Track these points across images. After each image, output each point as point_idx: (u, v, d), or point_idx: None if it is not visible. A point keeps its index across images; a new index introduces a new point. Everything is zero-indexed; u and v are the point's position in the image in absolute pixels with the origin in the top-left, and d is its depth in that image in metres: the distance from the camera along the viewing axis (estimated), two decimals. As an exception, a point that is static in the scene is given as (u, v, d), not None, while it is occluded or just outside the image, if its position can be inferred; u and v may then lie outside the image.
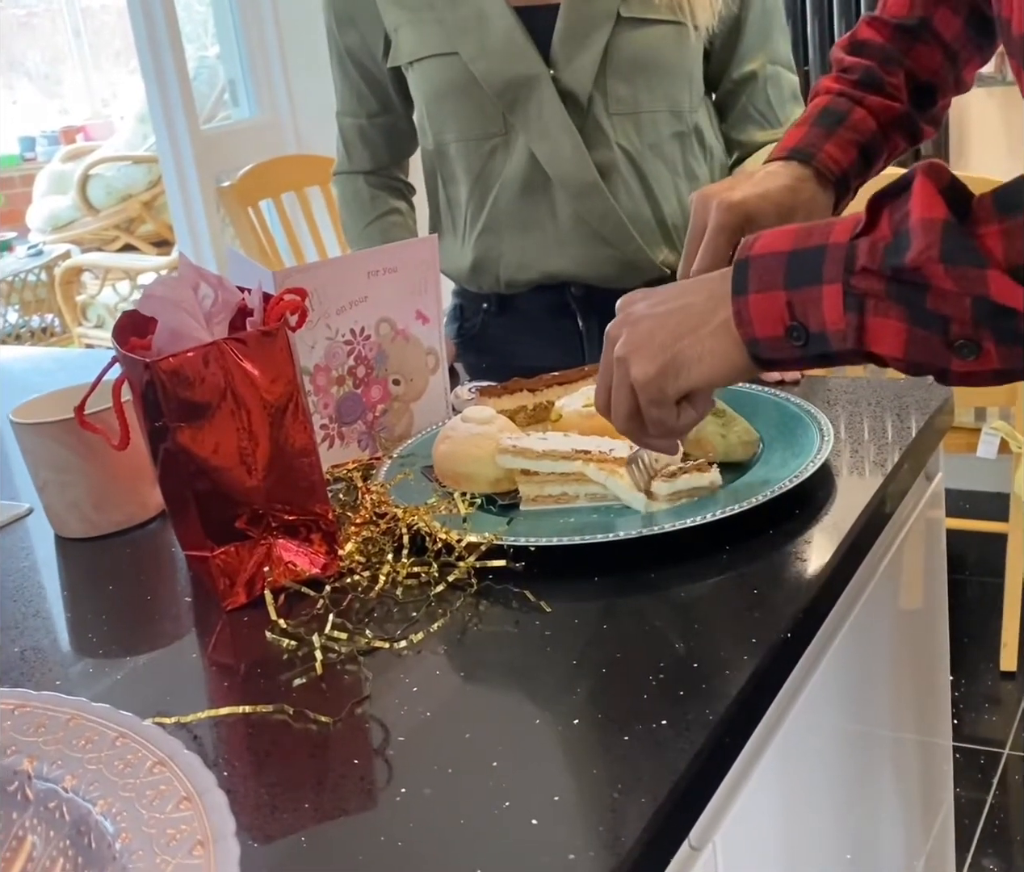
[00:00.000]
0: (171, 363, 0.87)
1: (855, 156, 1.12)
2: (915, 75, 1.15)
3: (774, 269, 0.82)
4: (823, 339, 0.81)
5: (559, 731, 0.75)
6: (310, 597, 0.92)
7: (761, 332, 0.83)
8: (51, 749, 0.62)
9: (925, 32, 1.15)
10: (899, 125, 1.15)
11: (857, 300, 0.79)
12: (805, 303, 0.81)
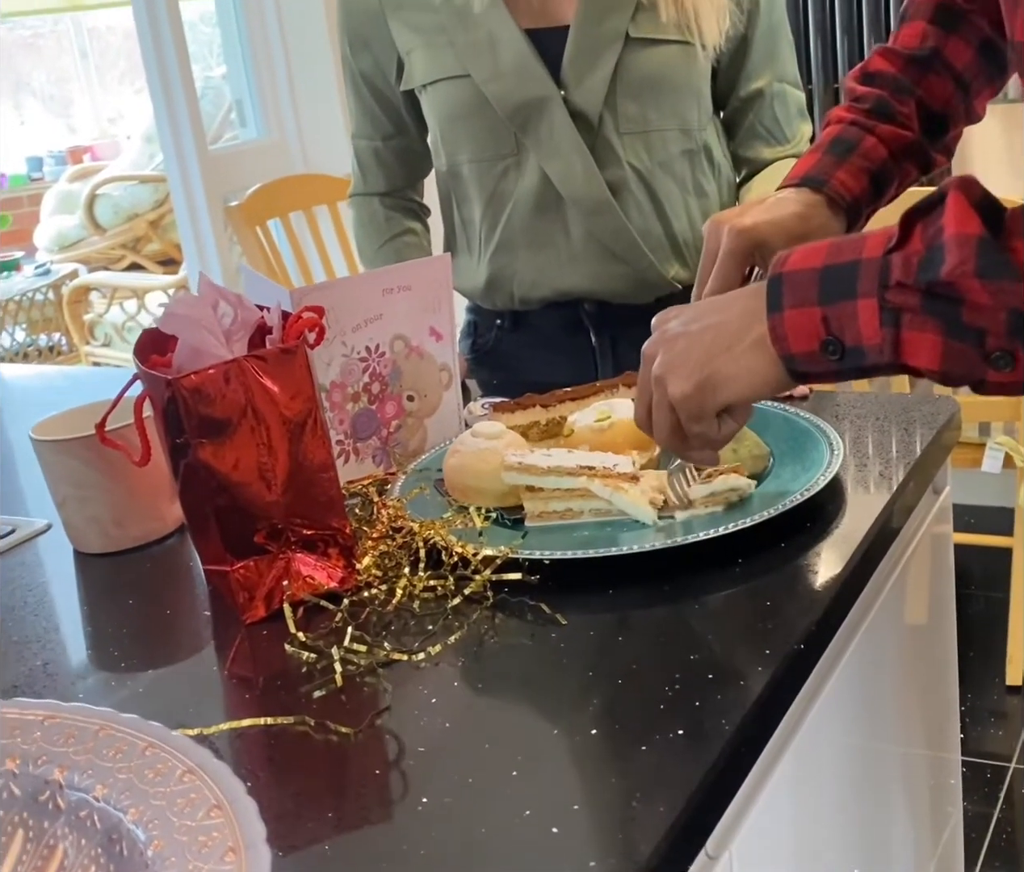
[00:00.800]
0: (193, 380, 0.89)
1: (866, 184, 1.14)
2: (926, 105, 1.16)
3: (808, 284, 0.84)
4: (859, 353, 0.83)
5: (577, 741, 0.76)
6: (328, 610, 0.94)
7: (797, 347, 0.85)
8: (81, 759, 0.64)
9: (936, 62, 1.16)
10: (910, 154, 1.16)
11: (893, 314, 0.80)
12: (840, 318, 0.83)
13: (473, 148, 1.51)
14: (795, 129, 1.58)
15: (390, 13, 1.50)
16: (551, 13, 1.46)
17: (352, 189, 1.69)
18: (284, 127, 3.50)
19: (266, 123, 3.49)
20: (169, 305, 0.96)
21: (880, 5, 3.48)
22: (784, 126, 1.56)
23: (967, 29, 1.15)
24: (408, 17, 1.49)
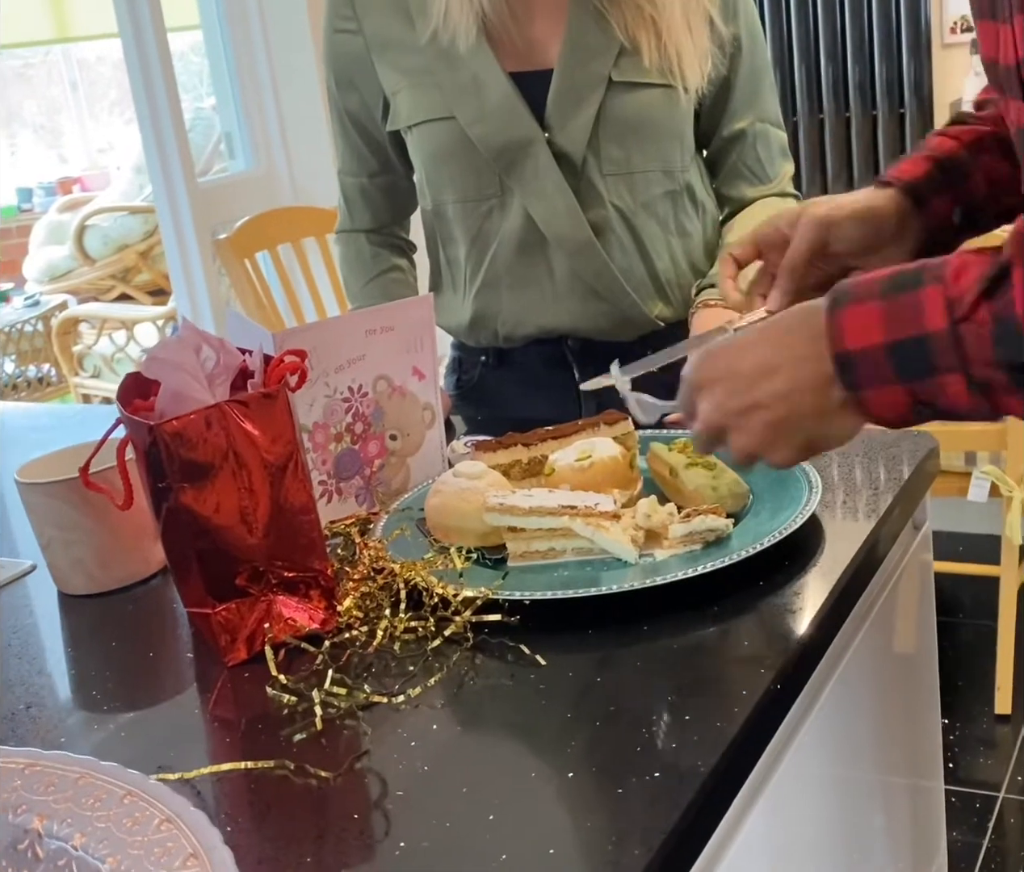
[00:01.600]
0: (174, 426, 0.90)
1: (927, 167, 1.10)
2: None
3: (880, 364, 0.84)
4: (955, 413, 0.84)
5: (554, 784, 0.77)
6: (309, 652, 0.94)
7: (888, 415, 0.87)
8: (61, 808, 0.64)
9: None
10: (987, 147, 1.11)
11: (981, 386, 0.81)
12: (926, 391, 0.83)
13: (458, 188, 1.52)
14: (777, 168, 1.59)
15: (376, 55, 1.52)
16: (536, 57, 1.48)
17: (339, 225, 1.70)
18: (273, 159, 3.52)
19: (255, 155, 3.51)
20: (152, 349, 0.97)
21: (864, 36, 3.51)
22: (766, 165, 1.58)
23: None
24: (394, 58, 1.51)
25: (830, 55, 3.56)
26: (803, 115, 3.62)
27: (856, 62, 3.53)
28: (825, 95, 3.59)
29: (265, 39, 3.41)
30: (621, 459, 1.13)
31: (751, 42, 1.54)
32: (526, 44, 1.48)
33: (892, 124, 3.54)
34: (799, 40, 3.57)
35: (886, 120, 3.53)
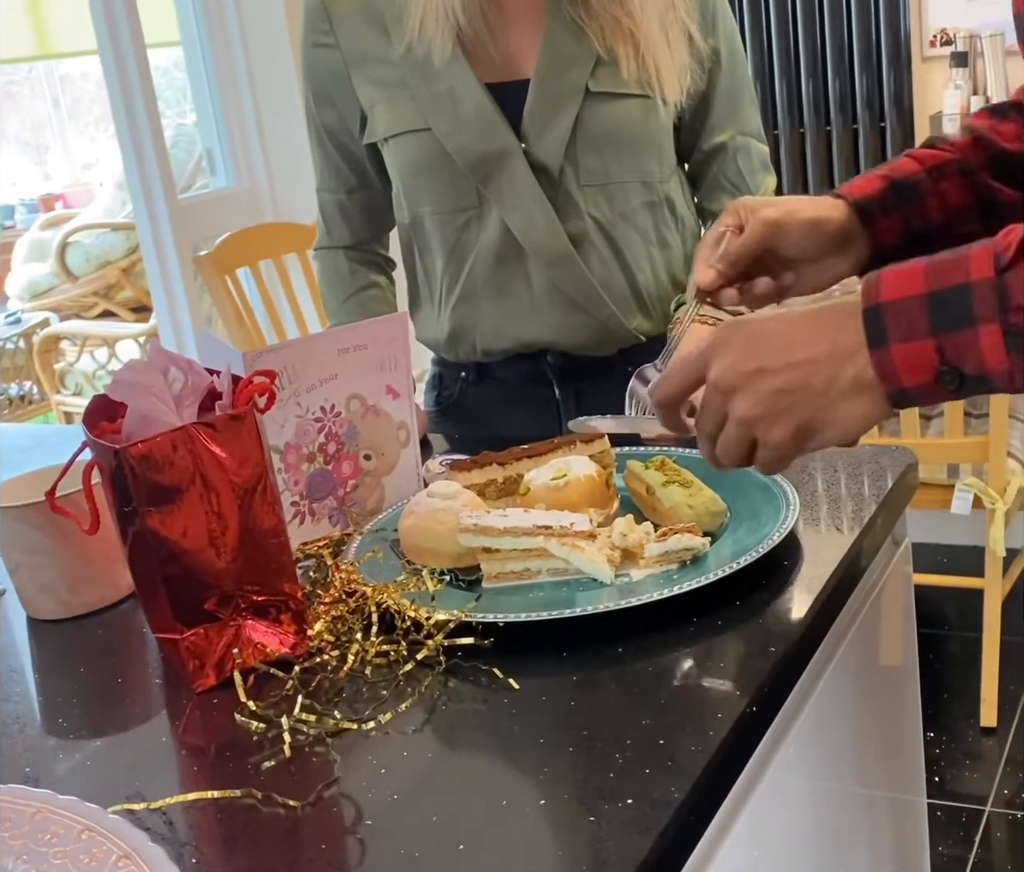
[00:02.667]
0: (140, 449, 0.88)
1: (881, 186, 1.10)
2: (989, 140, 1.13)
3: (914, 314, 0.80)
4: (982, 380, 0.80)
5: (526, 812, 0.76)
6: (279, 677, 0.93)
7: (909, 381, 0.82)
8: (16, 844, 0.63)
9: (1014, 112, 1.14)
10: (949, 174, 1.11)
11: (1019, 338, 0.77)
12: (958, 346, 0.79)
13: (435, 200, 1.51)
14: (759, 182, 1.59)
15: (353, 69, 1.51)
16: (512, 67, 1.47)
17: (317, 242, 1.69)
18: (254, 176, 3.50)
19: (236, 172, 3.50)
20: (118, 372, 0.96)
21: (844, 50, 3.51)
22: (748, 179, 1.57)
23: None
24: (370, 72, 1.50)
25: (810, 69, 3.57)
26: (784, 129, 3.63)
27: (836, 76, 3.53)
28: (806, 109, 3.60)
29: (246, 55, 3.40)
30: (597, 477, 1.12)
31: (730, 55, 1.53)
32: (502, 55, 1.47)
33: (873, 137, 3.54)
34: (779, 54, 3.58)
35: (867, 133, 3.54)
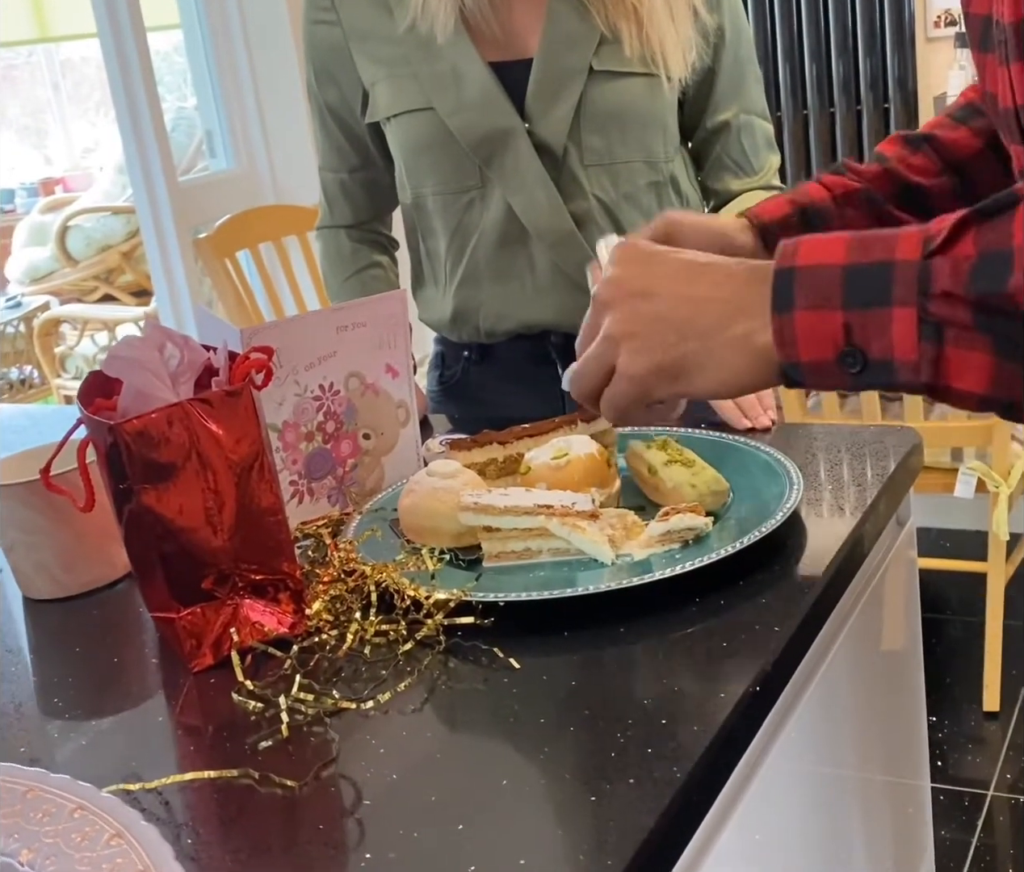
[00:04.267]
0: (135, 425, 0.87)
1: (788, 211, 1.10)
2: (899, 173, 1.13)
3: (828, 284, 0.74)
4: (886, 368, 0.74)
5: (526, 792, 0.75)
6: (277, 657, 0.92)
7: (807, 355, 0.75)
8: (8, 822, 0.62)
9: (928, 144, 1.13)
10: (855, 202, 1.12)
11: (935, 328, 0.71)
12: (867, 326, 0.73)
13: (437, 180, 1.50)
14: (763, 160, 1.57)
15: (354, 46, 1.49)
16: (515, 46, 1.46)
17: (319, 221, 1.68)
18: (254, 158, 3.49)
19: (236, 154, 3.48)
20: (114, 348, 0.95)
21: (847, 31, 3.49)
22: (751, 157, 1.56)
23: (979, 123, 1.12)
24: (372, 49, 1.49)
25: (814, 51, 3.54)
26: (787, 111, 3.61)
27: (840, 57, 3.51)
28: (809, 90, 3.58)
29: (245, 38, 3.39)
30: (598, 457, 1.10)
31: (735, 32, 1.52)
32: (506, 34, 1.45)
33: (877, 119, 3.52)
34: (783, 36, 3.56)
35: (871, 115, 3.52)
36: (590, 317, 0.85)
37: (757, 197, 1.56)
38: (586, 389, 0.85)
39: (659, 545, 1.00)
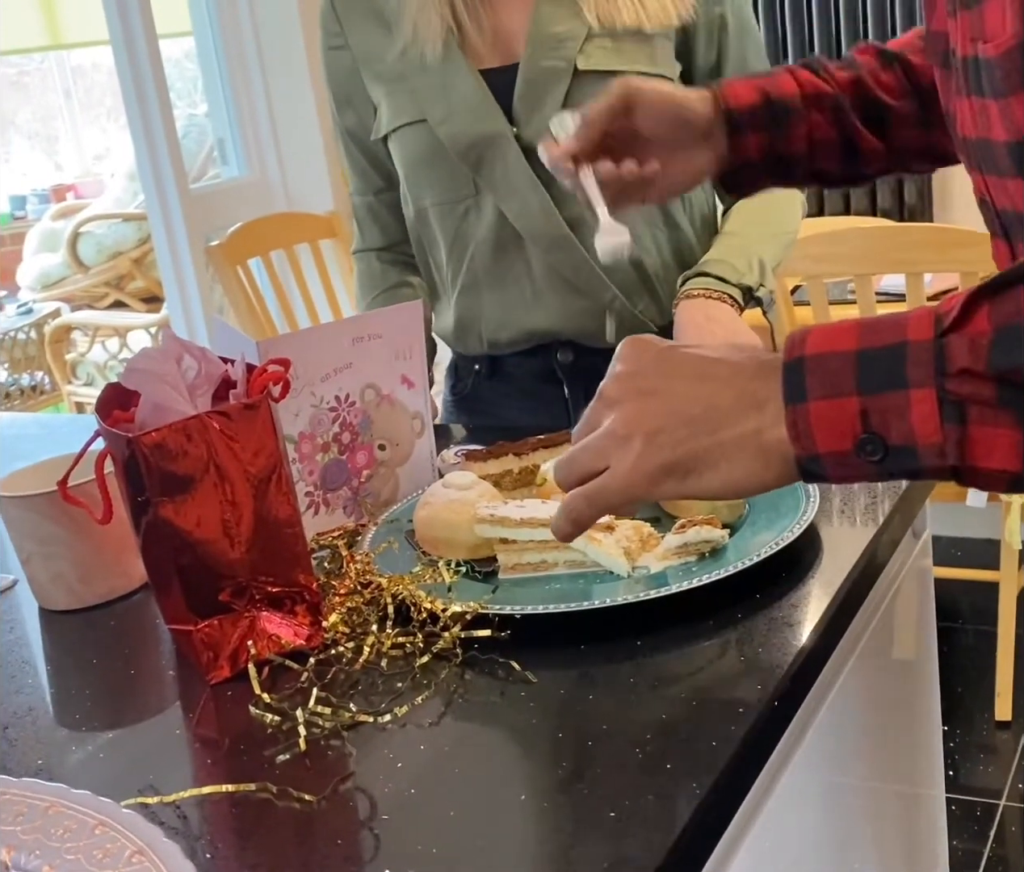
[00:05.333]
0: (153, 437, 0.87)
1: (756, 99, 1.10)
2: (866, 84, 1.12)
3: (841, 371, 0.71)
4: (909, 454, 0.71)
5: (544, 808, 0.75)
6: (294, 670, 0.92)
7: (825, 446, 0.72)
8: (29, 838, 0.62)
9: (899, 63, 1.14)
10: (822, 105, 1.11)
11: (957, 408, 0.69)
12: (885, 411, 0.70)
13: (435, 192, 1.51)
14: None
15: (363, 68, 1.52)
16: (503, 51, 1.46)
17: (353, 246, 1.70)
18: (266, 166, 3.50)
19: (248, 162, 3.49)
20: (131, 360, 0.95)
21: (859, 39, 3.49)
22: None
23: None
24: (376, 69, 1.51)
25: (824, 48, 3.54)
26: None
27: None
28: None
29: (257, 45, 3.39)
30: (614, 468, 1.10)
31: (738, 24, 1.49)
32: (495, 40, 1.46)
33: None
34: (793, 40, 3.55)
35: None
36: (592, 411, 0.81)
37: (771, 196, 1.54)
38: (575, 480, 0.81)
39: (675, 558, 1.00)
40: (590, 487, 0.79)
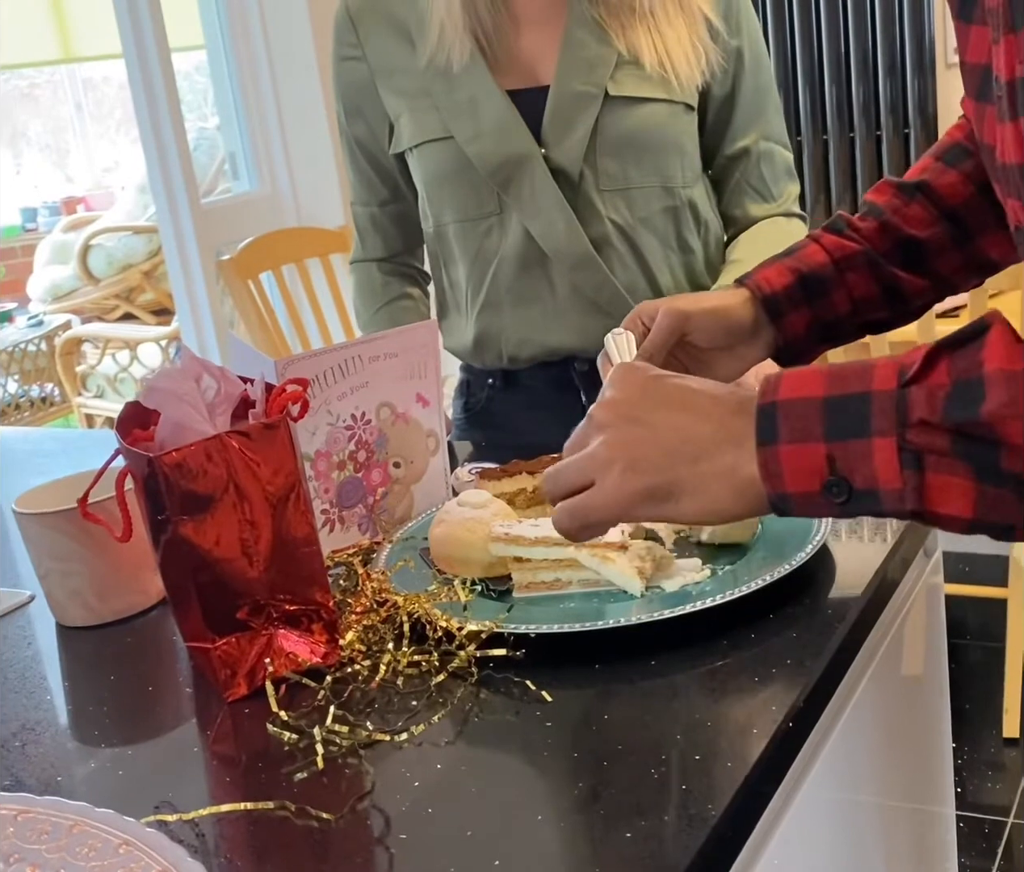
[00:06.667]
0: (174, 457, 0.88)
1: (790, 280, 1.11)
2: (896, 227, 1.13)
3: (808, 416, 0.76)
4: (872, 497, 0.75)
5: (561, 828, 0.75)
6: (311, 687, 0.92)
7: (793, 487, 0.76)
8: (54, 857, 0.62)
9: (923, 193, 1.13)
10: (856, 265, 1.12)
11: (914, 456, 0.72)
12: (850, 457, 0.74)
13: (457, 208, 1.52)
14: (782, 188, 1.58)
15: (380, 81, 1.52)
16: (532, 74, 1.48)
17: (352, 255, 1.70)
18: (277, 180, 3.51)
19: (259, 176, 3.50)
20: (151, 379, 0.96)
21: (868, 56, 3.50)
22: (771, 185, 1.57)
23: (969, 166, 1.12)
24: (397, 83, 1.51)
25: (834, 76, 3.55)
26: (807, 136, 3.61)
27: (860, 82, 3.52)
28: (829, 116, 3.59)
29: (269, 60, 3.41)
30: (628, 488, 1.11)
31: (754, 58, 1.53)
32: (523, 62, 1.48)
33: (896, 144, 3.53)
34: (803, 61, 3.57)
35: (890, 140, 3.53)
36: (581, 431, 0.86)
37: (777, 224, 1.57)
38: (560, 493, 0.86)
39: (689, 577, 1.00)
40: (574, 502, 0.84)
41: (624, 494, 0.82)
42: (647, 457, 0.81)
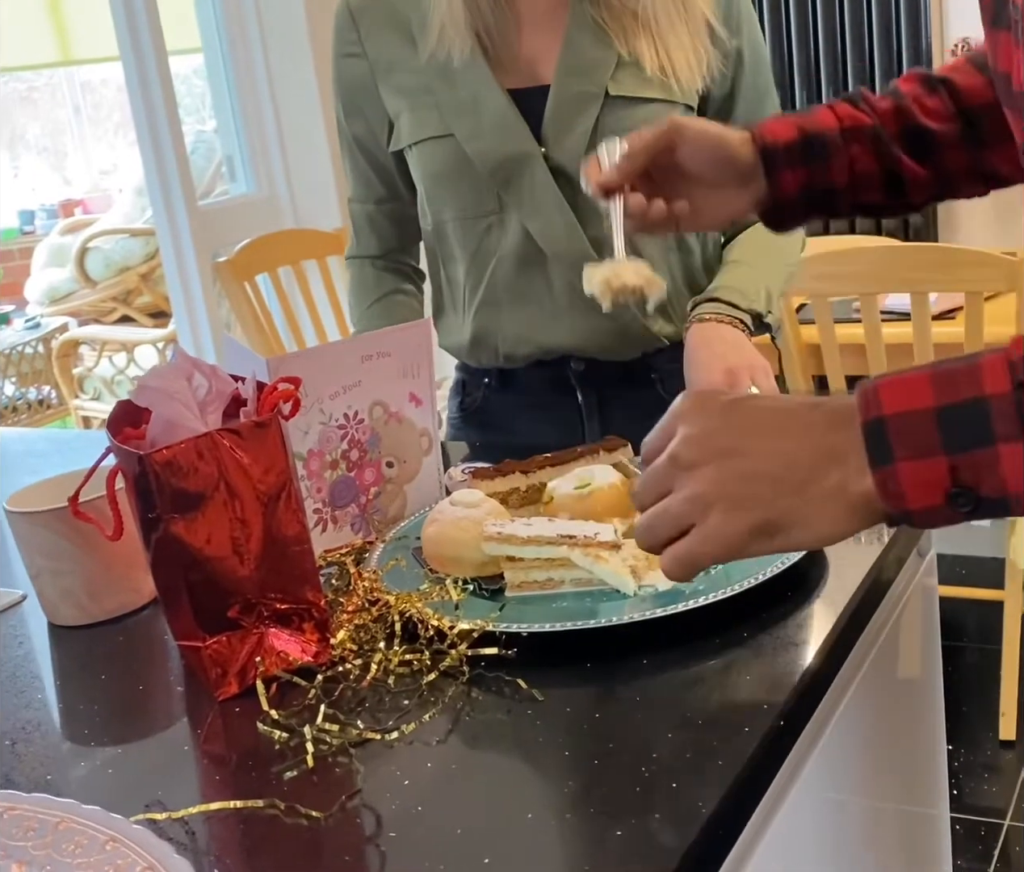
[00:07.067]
0: (164, 455, 0.88)
1: (794, 137, 1.10)
2: (910, 112, 1.12)
3: (923, 430, 0.72)
4: (1002, 504, 0.72)
5: (552, 826, 0.75)
6: (302, 686, 0.92)
7: (916, 503, 0.73)
8: (40, 854, 0.62)
9: (944, 87, 1.13)
10: (862, 138, 1.11)
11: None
12: (974, 467, 0.71)
13: (457, 206, 1.52)
14: None
15: (380, 79, 1.52)
16: (533, 73, 1.48)
17: (347, 251, 1.71)
18: (274, 182, 3.51)
19: (256, 178, 3.50)
20: (143, 378, 0.96)
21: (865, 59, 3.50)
22: None
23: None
24: (396, 81, 1.52)
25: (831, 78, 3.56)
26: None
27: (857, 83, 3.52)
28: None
29: (266, 62, 3.41)
30: (621, 487, 1.11)
31: (754, 59, 1.53)
32: (524, 61, 1.48)
33: (894, 146, 3.52)
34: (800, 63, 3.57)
35: (888, 142, 3.52)
36: (665, 473, 0.79)
37: None
38: (659, 545, 0.80)
39: None
40: (677, 550, 0.79)
41: (731, 534, 0.77)
42: (751, 492, 0.76)
